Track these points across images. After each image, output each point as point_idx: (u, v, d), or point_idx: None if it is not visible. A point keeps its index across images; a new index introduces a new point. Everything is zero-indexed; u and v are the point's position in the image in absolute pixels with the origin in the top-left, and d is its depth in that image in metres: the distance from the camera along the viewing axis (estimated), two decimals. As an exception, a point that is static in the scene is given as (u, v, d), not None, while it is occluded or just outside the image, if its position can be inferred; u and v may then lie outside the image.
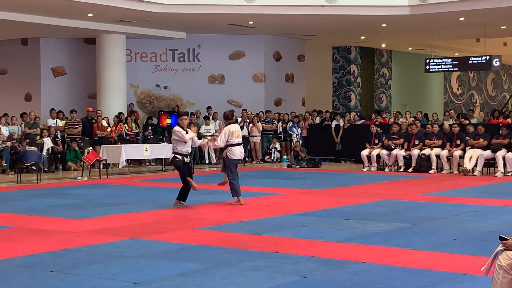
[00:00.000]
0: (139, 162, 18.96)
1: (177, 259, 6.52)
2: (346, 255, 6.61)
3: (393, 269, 6.00)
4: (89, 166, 15.96)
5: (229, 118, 10.88)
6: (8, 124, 17.53)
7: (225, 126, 10.77)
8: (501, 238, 4.21)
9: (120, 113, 19.58)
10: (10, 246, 7.33)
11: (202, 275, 5.85)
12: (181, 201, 10.42)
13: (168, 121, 19.72)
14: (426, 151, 16.49)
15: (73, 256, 6.69)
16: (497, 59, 20.64)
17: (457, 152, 16.09)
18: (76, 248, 7.08)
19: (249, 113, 20.87)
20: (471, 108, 27.11)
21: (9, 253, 6.88)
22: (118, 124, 18.82)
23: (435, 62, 21.70)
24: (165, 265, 6.26)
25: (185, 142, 10.32)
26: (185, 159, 10.42)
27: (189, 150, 10.60)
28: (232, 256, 6.61)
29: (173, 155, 10.46)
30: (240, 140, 10.64)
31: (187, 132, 10.42)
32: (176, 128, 10.44)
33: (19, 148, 16.45)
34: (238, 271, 5.96)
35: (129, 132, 19.03)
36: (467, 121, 18.30)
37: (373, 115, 20.59)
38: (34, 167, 15.37)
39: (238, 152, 10.54)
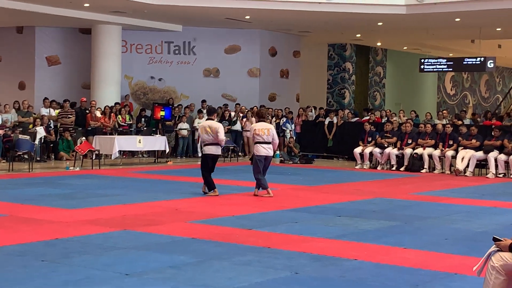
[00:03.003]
0: (132, 153, 18.93)
1: (169, 251, 6.51)
2: (338, 252, 6.62)
3: (385, 267, 6.02)
4: (81, 156, 15.92)
5: (259, 116, 11.35)
6: (1, 112, 17.45)
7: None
8: (495, 239, 4.22)
9: (116, 103, 19.55)
10: (1, 234, 7.30)
11: (193, 268, 5.85)
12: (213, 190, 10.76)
13: (162, 113, 19.70)
14: (419, 150, 16.54)
15: (65, 246, 6.68)
16: (491, 61, 20.71)
17: (450, 152, 16.13)
18: (68, 238, 7.06)
19: (243, 107, 20.86)
20: (464, 109, 27.20)
21: (0, 241, 6.85)
22: (110, 115, 18.73)
23: (429, 62, 21.75)
24: (156, 257, 6.25)
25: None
26: None
27: None
28: (223, 250, 6.61)
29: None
30: (265, 138, 10.86)
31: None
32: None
33: (11, 136, 16.39)
34: (229, 265, 5.96)
35: (123, 124, 18.98)
36: (460, 122, 18.35)
37: (364, 112, 20.64)
38: (26, 156, 15.33)
39: (262, 149, 10.87)
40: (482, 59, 20.60)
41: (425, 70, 22.09)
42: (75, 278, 5.41)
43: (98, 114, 18.65)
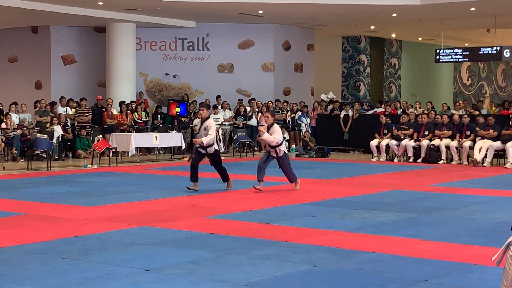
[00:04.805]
0: (148, 150, 19.01)
1: (187, 247, 6.55)
2: (356, 244, 6.62)
3: (403, 259, 6.01)
4: (98, 154, 16.02)
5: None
6: (18, 112, 17.61)
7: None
8: (513, 229, 4.20)
9: (132, 101, 19.62)
10: (22, 232, 7.39)
11: (212, 263, 5.88)
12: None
13: (177, 109, 19.75)
14: (436, 141, 16.46)
15: (85, 243, 6.74)
16: (507, 50, 20.56)
17: (467, 143, 16.04)
18: (87, 235, 7.13)
19: (258, 102, 20.87)
20: (481, 99, 27.00)
21: (21, 239, 6.93)
22: (126, 112, 18.81)
23: (445, 52, 21.62)
24: (175, 253, 6.29)
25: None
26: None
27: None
28: (241, 244, 6.64)
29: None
30: None
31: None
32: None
33: (29, 136, 16.53)
34: (248, 260, 5.98)
35: (139, 121, 19.07)
36: (477, 112, 18.22)
37: (377, 104, 20.55)
38: (44, 155, 15.46)
39: None
40: (498, 48, 20.45)
41: (440, 60, 21.97)
42: (95, 274, 5.46)
43: (114, 112, 18.75)
